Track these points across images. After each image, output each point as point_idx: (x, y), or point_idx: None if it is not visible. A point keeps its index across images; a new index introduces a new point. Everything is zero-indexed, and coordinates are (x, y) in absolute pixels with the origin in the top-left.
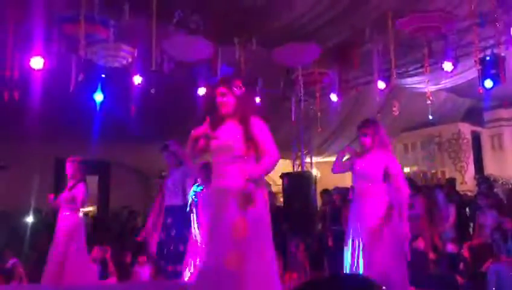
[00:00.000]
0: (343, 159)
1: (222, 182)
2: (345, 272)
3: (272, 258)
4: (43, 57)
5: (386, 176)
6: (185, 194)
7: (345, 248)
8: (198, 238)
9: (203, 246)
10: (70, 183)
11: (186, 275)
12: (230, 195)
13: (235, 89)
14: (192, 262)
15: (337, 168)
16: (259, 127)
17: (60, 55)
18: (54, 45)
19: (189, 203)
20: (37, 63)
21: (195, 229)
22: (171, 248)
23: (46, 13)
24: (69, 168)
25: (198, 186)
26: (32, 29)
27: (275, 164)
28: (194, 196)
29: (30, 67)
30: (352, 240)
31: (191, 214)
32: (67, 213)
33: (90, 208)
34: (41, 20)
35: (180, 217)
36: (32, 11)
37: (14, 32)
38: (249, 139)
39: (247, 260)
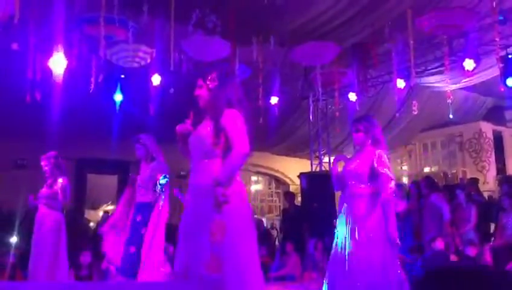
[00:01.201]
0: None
1: (195, 180)
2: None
3: (252, 257)
4: (64, 58)
5: (373, 175)
6: (155, 192)
7: (331, 255)
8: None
9: (179, 245)
10: (49, 180)
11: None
12: (202, 194)
13: (209, 81)
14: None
15: (337, 185)
16: (231, 120)
17: (80, 57)
18: (74, 47)
19: (156, 198)
20: (57, 63)
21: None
22: (140, 247)
23: (66, 15)
24: (45, 165)
25: (164, 178)
26: (53, 31)
27: (243, 158)
28: (160, 190)
29: (51, 69)
30: (342, 242)
31: (158, 209)
32: (48, 211)
33: (110, 207)
34: (61, 22)
35: (149, 215)
36: (53, 13)
37: (35, 34)
38: (218, 133)
39: (227, 263)
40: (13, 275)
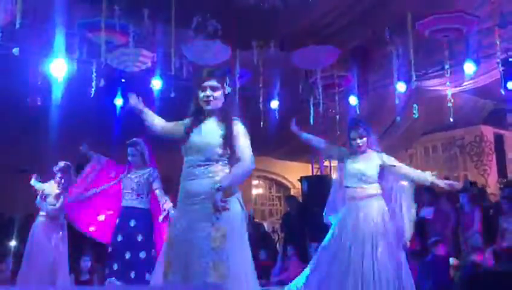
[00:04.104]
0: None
1: (192, 185)
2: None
3: (250, 261)
4: (65, 64)
5: (382, 176)
6: (149, 198)
7: (324, 247)
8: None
9: (171, 254)
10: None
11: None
12: (201, 200)
13: (227, 86)
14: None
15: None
16: (240, 131)
17: (81, 61)
18: (75, 51)
19: (163, 214)
20: (58, 68)
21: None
22: (136, 253)
23: (67, 20)
24: (62, 177)
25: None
26: (54, 36)
27: (248, 174)
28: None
29: (51, 74)
30: (344, 242)
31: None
32: (50, 220)
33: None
34: (63, 27)
35: (147, 222)
36: (54, 18)
37: (36, 39)
38: (228, 142)
39: (229, 269)
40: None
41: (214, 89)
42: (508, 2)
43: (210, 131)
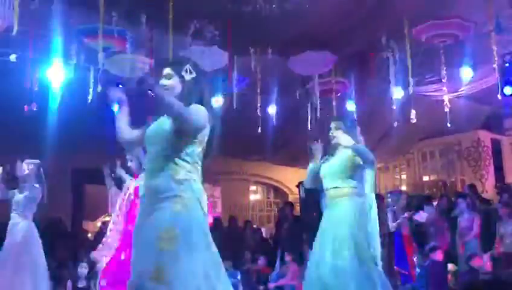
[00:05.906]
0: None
1: (151, 181)
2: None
3: (208, 268)
4: (62, 69)
5: (354, 169)
6: None
7: (312, 253)
8: None
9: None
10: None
11: None
12: (160, 198)
13: (184, 72)
14: None
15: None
16: (194, 109)
17: (78, 67)
18: (73, 57)
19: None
20: (55, 74)
21: None
22: None
23: (65, 26)
24: (28, 170)
25: None
26: (52, 42)
27: (180, 116)
28: None
29: (49, 80)
30: (321, 247)
31: None
32: (18, 220)
33: (108, 218)
34: (60, 33)
35: None
36: (51, 24)
37: (33, 45)
38: (177, 132)
39: (176, 273)
40: None
41: (168, 76)
42: (504, 8)
43: (165, 119)
